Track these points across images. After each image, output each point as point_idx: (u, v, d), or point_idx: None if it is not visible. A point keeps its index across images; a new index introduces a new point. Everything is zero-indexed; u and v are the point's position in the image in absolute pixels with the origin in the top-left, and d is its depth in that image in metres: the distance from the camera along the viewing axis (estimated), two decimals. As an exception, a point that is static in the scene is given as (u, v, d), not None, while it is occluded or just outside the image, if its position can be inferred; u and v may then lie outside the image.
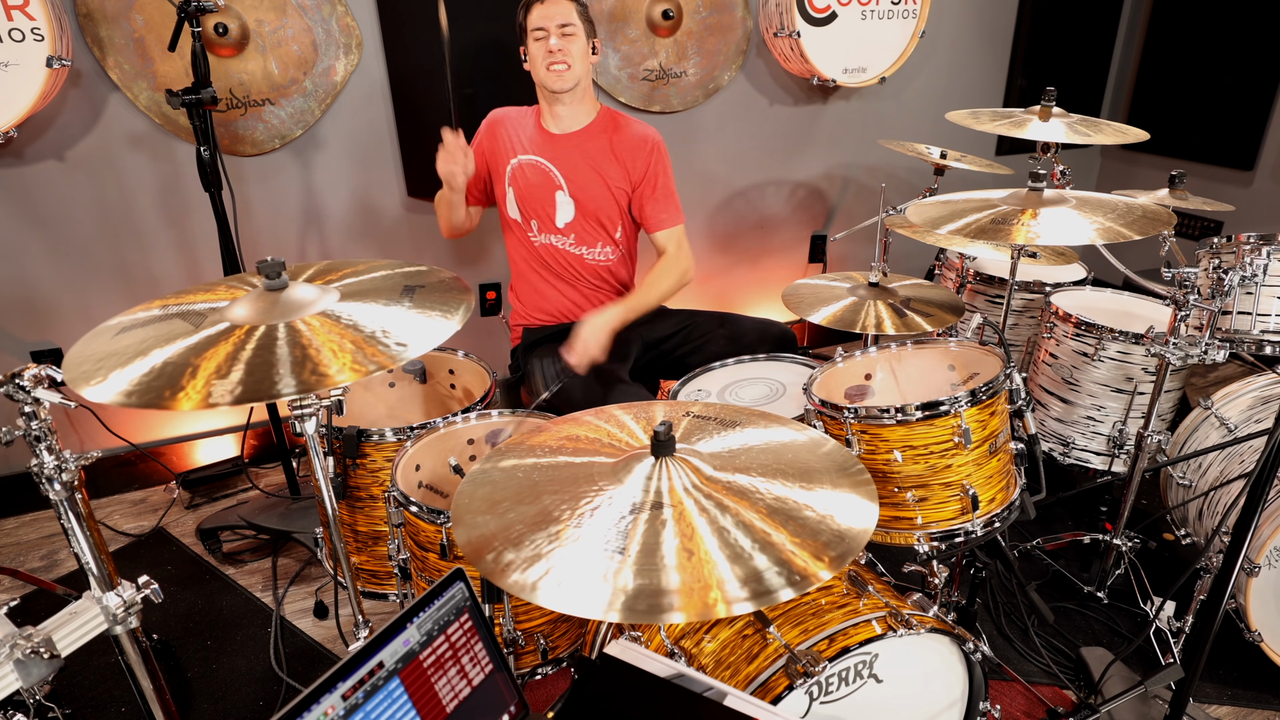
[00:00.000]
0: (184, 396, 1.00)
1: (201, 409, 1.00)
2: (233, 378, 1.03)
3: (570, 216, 2.08)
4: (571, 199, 2.06)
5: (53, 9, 2.03)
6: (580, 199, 2.06)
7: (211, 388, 1.01)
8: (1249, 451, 1.93)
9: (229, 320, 1.16)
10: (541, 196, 2.07)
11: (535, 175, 2.06)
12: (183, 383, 1.02)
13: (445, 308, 1.22)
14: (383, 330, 1.15)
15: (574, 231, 2.09)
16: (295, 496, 2.45)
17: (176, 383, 1.02)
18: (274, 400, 1.05)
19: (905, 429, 1.51)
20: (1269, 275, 1.64)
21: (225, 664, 1.94)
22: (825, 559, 0.93)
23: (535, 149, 2.06)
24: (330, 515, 1.36)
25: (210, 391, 1.01)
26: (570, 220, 2.08)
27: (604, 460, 1.12)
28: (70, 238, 2.39)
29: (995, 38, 3.51)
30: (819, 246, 3.53)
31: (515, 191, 2.08)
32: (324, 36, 2.45)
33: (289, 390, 1.02)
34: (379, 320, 1.17)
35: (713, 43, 2.94)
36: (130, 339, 1.13)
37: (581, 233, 2.10)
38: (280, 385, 1.03)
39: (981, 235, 1.64)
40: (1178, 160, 3.64)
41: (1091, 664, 1.83)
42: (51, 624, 1.05)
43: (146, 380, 1.03)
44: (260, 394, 1.02)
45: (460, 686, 0.97)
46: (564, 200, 2.05)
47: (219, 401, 1.00)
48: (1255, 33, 3.28)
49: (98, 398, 1.00)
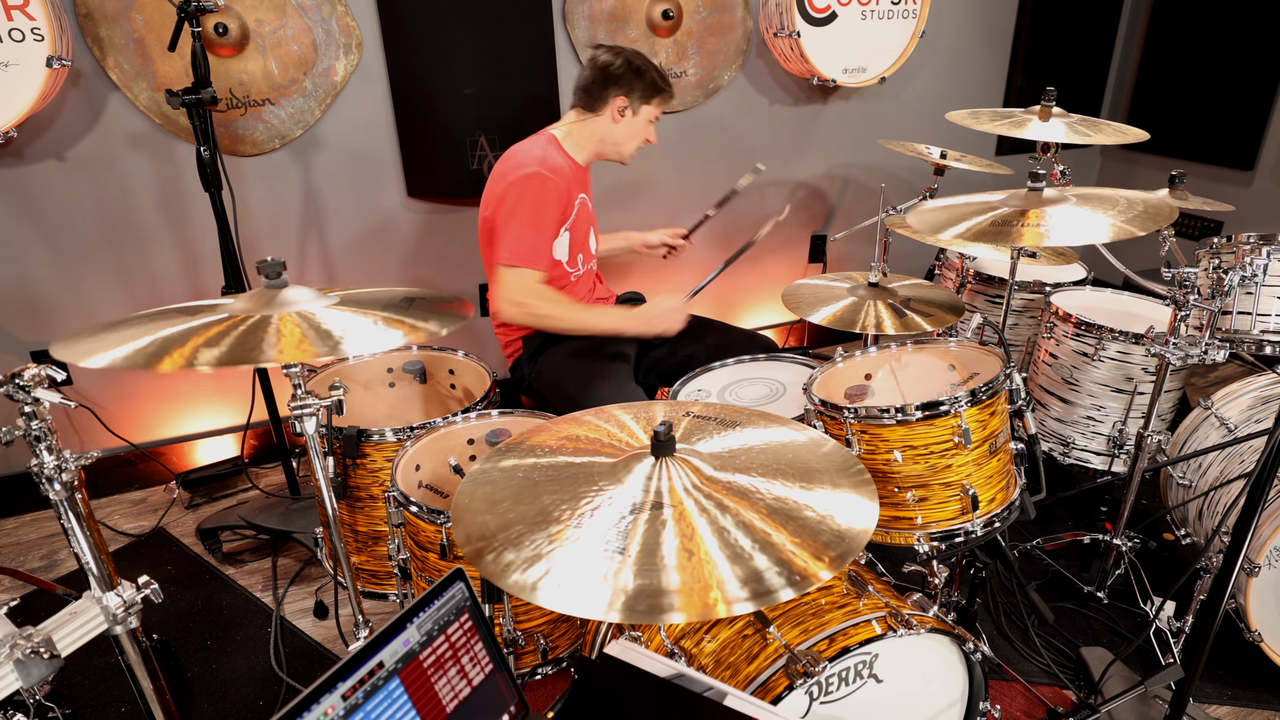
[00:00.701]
0: (169, 359, 1.07)
1: (183, 369, 1.06)
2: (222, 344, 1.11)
3: (596, 245, 2.19)
4: (594, 227, 2.19)
5: (53, 9, 2.03)
6: (597, 225, 2.20)
7: (199, 354, 1.08)
8: (1249, 451, 1.93)
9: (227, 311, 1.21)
10: (584, 235, 2.11)
11: (582, 216, 2.08)
12: (170, 349, 1.10)
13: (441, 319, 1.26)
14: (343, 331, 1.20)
15: (596, 257, 2.21)
16: (295, 496, 2.45)
17: (166, 349, 1.10)
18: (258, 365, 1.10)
19: (905, 429, 1.51)
20: (1269, 275, 1.64)
21: (225, 664, 1.94)
22: (825, 559, 0.93)
23: (580, 187, 2.06)
24: (330, 515, 1.36)
25: (197, 355, 1.08)
26: (596, 247, 2.20)
27: (604, 460, 1.12)
28: (70, 238, 2.39)
29: (995, 38, 3.51)
30: (819, 246, 3.53)
31: (571, 235, 2.04)
32: (324, 36, 2.45)
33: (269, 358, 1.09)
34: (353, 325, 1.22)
35: (713, 43, 2.94)
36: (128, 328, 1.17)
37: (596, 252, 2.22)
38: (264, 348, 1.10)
39: (985, 239, 1.63)
40: (1178, 160, 3.64)
41: (1091, 664, 1.83)
42: (51, 624, 1.05)
43: (137, 349, 1.09)
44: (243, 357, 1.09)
45: (460, 686, 0.98)
46: (593, 233, 2.17)
47: (201, 364, 1.06)
48: (1255, 33, 3.28)
49: (88, 362, 1.06)
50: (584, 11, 2.71)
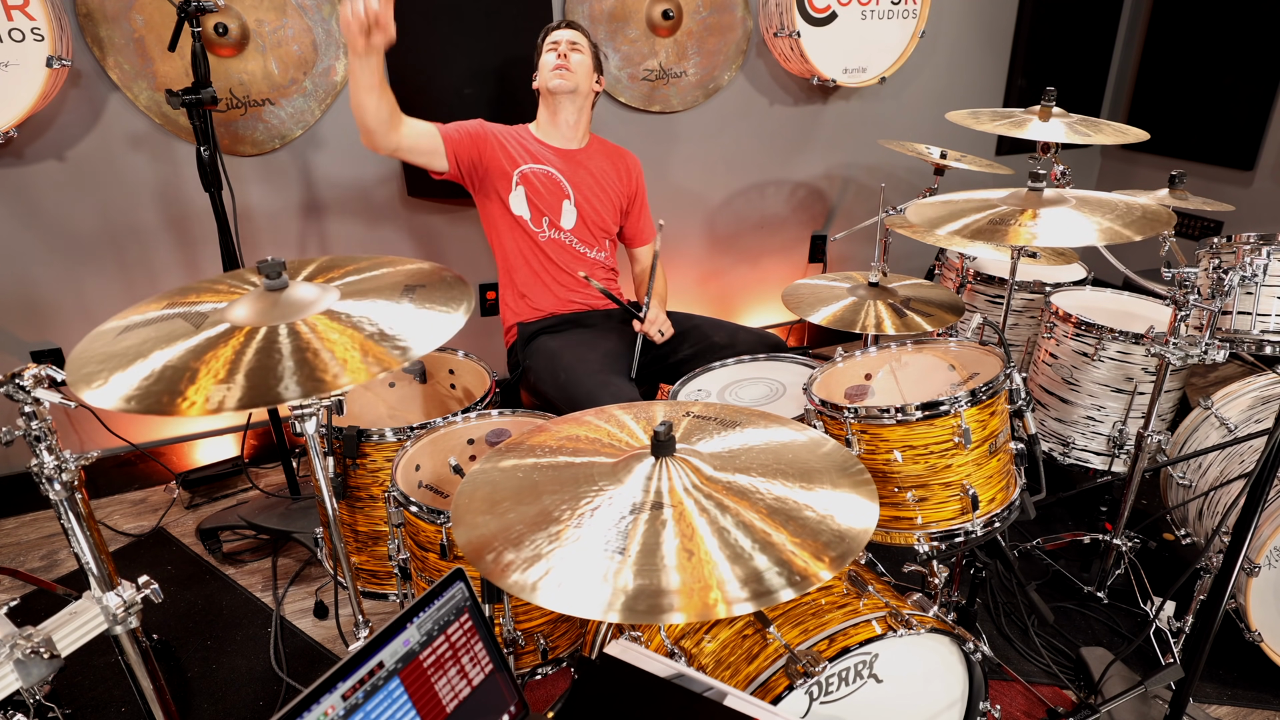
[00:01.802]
0: (183, 402, 0.98)
1: (203, 415, 0.98)
2: (235, 383, 1.02)
3: (573, 223, 2.21)
4: (575, 208, 2.21)
5: (53, 9, 2.03)
6: (583, 209, 2.21)
7: (211, 393, 0.99)
8: (1249, 451, 1.93)
9: (229, 321, 1.14)
10: (550, 202, 2.18)
11: (547, 183, 2.17)
12: (182, 387, 1.01)
13: (446, 304, 1.21)
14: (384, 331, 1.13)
15: (576, 235, 2.23)
16: (295, 496, 2.45)
17: (176, 387, 1.00)
18: (275, 405, 1.03)
19: (905, 429, 1.51)
20: (1269, 275, 1.65)
21: (225, 664, 1.94)
22: (825, 559, 0.93)
23: (545, 161, 2.17)
24: (330, 515, 1.36)
25: (209, 397, 0.99)
26: (573, 225, 2.22)
27: (604, 460, 1.12)
28: (70, 238, 2.39)
29: (995, 38, 3.51)
30: (819, 246, 3.53)
31: (527, 190, 2.15)
32: (324, 36, 2.45)
33: (291, 395, 1.00)
34: (381, 319, 1.15)
35: (713, 43, 2.94)
36: (131, 339, 1.13)
37: (582, 236, 2.24)
38: (283, 389, 1.01)
39: (980, 236, 1.64)
40: (1178, 160, 3.64)
41: (1091, 664, 1.83)
42: (51, 624, 1.05)
43: (147, 385, 1.01)
44: (262, 399, 1.00)
45: (460, 686, 0.98)
46: (569, 208, 2.20)
47: (218, 407, 0.98)
48: (1255, 33, 3.28)
49: (100, 403, 0.99)
50: (584, 11, 2.71)
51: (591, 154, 2.25)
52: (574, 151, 2.22)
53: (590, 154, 2.24)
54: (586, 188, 2.21)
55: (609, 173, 2.26)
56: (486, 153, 2.11)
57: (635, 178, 2.33)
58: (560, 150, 2.20)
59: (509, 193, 2.14)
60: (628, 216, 2.34)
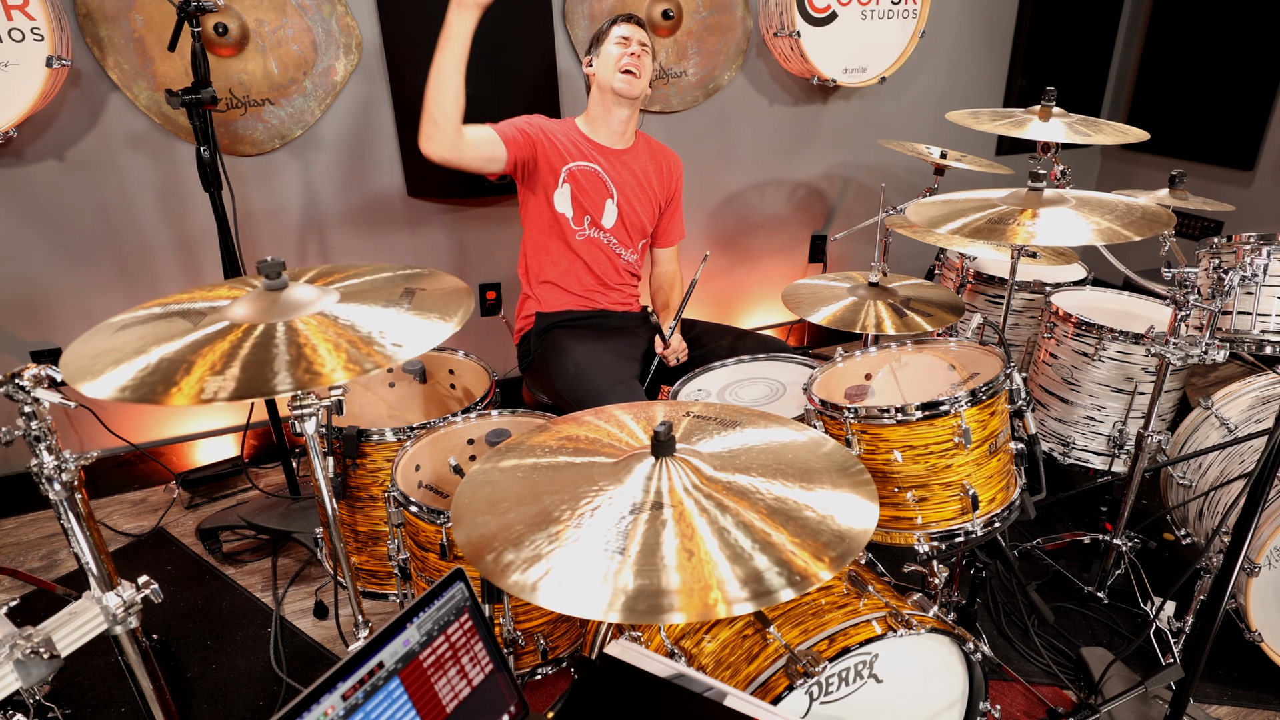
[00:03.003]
0: (177, 392, 0.99)
1: (195, 404, 0.98)
2: (228, 374, 1.02)
3: (613, 222, 2.21)
4: (617, 207, 2.20)
5: (53, 9, 2.03)
6: (624, 209, 2.21)
7: (205, 383, 1.00)
8: (1249, 451, 1.93)
9: (228, 319, 1.15)
10: (595, 200, 2.17)
11: (592, 180, 2.16)
12: (177, 378, 1.01)
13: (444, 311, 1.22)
14: (380, 331, 1.14)
15: (614, 234, 2.23)
16: (295, 496, 2.45)
17: (171, 378, 1.01)
18: (269, 397, 1.04)
19: (905, 429, 1.51)
20: (1269, 275, 1.64)
21: (225, 664, 1.94)
22: (825, 559, 0.93)
23: (592, 158, 2.16)
24: (330, 515, 1.36)
25: (203, 387, 0.99)
26: (613, 225, 2.21)
27: (604, 460, 1.12)
28: (70, 238, 2.39)
29: (995, 38, 3.51)
30: (819, 246, 3.53)
31: (573, 188, 2.15)
32: (324, 36, 2.45)
33: (285, 386, 1.01)
34: (376, 321, 1.16)
35: (713, 43, 2.94)
36: (129, 336, 1.13)
37: (620, 236, 2.24)
38: (276, 381, 1.02)
39: (980, 236, 1.64)
40: (1178, 160, 3.64)
41: (1091, 664, 1.83)
42: (51, 624, 1.05)
43: (142, 376, 1.02)
44: (255, 390, 1.00)
45: (460, 686, 0.97)
46: (611, 207, 2.19)
47: (212, 397, 0.98)
48: (1255, 33, 3.28)
49: (94, 393, 0.99)
50: (584, 11, 2.71)
51: (637, 153, 2.23)
52: (620, 151, 2.19)
53: (636, 153, 2.22)
54: (630, 188, 2.20)
55: (651, 172, 2.24)
56: (540, 150, 2.09)
57: (676, 178, 2.32)
58: (607, 149, 2.17)
59: (555, 189, 2.12)
60: (661, 216, 2.33)
